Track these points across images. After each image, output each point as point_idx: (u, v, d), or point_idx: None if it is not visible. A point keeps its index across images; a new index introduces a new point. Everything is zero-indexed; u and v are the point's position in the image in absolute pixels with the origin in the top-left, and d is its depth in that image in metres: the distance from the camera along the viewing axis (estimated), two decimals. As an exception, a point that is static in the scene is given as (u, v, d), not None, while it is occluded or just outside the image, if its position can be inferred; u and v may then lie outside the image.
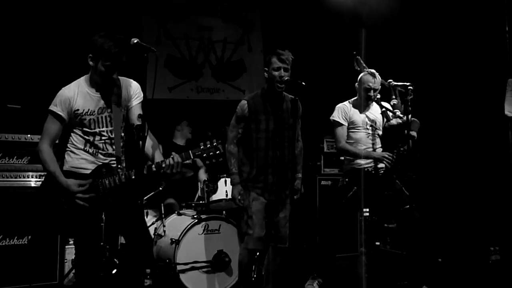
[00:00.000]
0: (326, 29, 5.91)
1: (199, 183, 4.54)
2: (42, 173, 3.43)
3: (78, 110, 2.72)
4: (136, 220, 2.84)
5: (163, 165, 2.66)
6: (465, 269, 4.68)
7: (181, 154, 2.69)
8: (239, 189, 3.37)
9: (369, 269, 4.75)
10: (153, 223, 4.38)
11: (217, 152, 2.70)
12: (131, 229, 2.84)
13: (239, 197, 3.35)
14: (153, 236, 4.22)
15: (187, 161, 2.76)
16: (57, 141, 2.78)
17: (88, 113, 2.74)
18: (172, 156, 2.68)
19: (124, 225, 2.89)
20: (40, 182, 3.00)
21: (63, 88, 2.77)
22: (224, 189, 4.16)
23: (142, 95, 2.89)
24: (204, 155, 2.69)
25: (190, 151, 2.71)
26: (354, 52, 3.93)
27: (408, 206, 3.61)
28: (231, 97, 5.51)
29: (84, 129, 2.75)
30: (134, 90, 2.88)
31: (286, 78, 3.24)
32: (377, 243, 5.44)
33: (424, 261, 3.90)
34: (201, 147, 2.71)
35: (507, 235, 4.68)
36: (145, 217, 4.40)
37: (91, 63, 2.69)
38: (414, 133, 3.67)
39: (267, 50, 5.98)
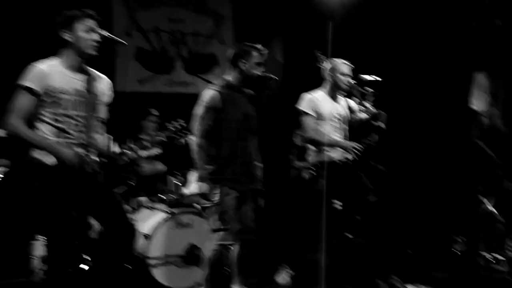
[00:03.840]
0: (296, 22, 5.94)
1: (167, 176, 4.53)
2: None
3: (54, 87, 2.57)
4: (115, 207, 2.81)
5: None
6: (431, 259, 4.82)
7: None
8: (209, 184, 3.34)
9: (338, 260, 4.83)
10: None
11: (183, 131, 2.78)
12: (111, 217, 2.77)
13: (210, 193, 3.33)
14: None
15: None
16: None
17: (63, 92, 2.61)
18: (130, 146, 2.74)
19: (102, 215, 2.80)
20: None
21: (34, 63, 2.61)
22: (193, 182, 4.15)
23: (112, 95, 2.87)
24: (172, 135, 2.75)
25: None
26: (317, 50, 3.95)
27: (372, 198, 3.69)
28: (202, 89, 5.48)
29: (58, 110, 2.60)
30: (107, 87, 2.85)
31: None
32: (346, 234, 5.53)
33: (391, 252, 3.98)
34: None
35: (471, 225, 4.81)
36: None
37: (68, 36, 2.62)
38: (382, 124, 3.71)
39: (240, 43, 5.97)
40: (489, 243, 4.71)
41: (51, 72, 2.60)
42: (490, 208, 4.16)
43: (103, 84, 2.84)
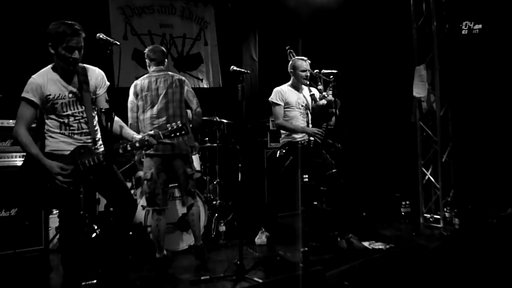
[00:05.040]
0: (272, 24, 5.95)
1: None
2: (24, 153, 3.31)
3: (49, 95, 2.57)
4: (120, 187, 2.78)
5: (146, 142, 2.65)
6: (383, 220, 4.92)
7: (153, 135, 2.68)
8: None
9: (307, 224, 4.91)
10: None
11: (182, 132, 2.70)
12: (117, 195, 2.76)
13: None
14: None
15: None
16: (33, 125, 2.67)
17: (60, 97, 2.59)
18: (146, 137, 2.66)
19: (110, 194, 2.79)
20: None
21: (32, 76, 2.59)
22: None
23: (107, 83, 2.77)
24: (172, 134, 2.69)
25: (159, 132, 2.69)
26: (288, 47, 3.97)
27: (333, 171, 3.74)
28: (191, 84, 5.48)
29: (57, 113, 2.60)
30: (100, 79, 2.74)
31: None
32: (315, 203, 5.62)
33: (350, 215, 4.03)
34: (169, 128, 2.70)
35: (414, 192, 4.93)
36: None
37: (52, 51, 2.52)
38: (336, 111, 3.75)
39: (220, 44, 5.95)
40: (428, 206, 4.85)
41: (46, 82, 2.57)
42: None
43: (96, 77, 2.73)
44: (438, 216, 4.67)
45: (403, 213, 4.85)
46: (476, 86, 4.70)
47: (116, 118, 2.73)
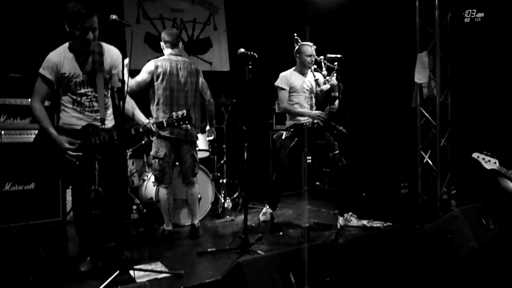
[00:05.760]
0: (278, 11, 5.88)
1: None
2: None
3: (65, 73, 2.58)
4: (116, 169, 2.78)
5: (146, 127, 2.64)
6: (382, 200, 4.96)
7: (157, 123, 2.66)
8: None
9: (309, 202, 4.97)
10: (137, 171, 4.40)
11: (186, 122, 2.65)
12: (110, 177, 2.78)
13: None
14: (139, 180, 4.25)
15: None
16: (48, 103, 2.69)
17: (75, 76, 2.60)
18: (151, 123, 2.66)
19: (104, 175, 2.83)
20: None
21: (50, 53, 2.60)
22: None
23: (122, 64, 2.68)
24: (175, 123, 2.65)
25: (163, 120, 2.67)
26: (295, 34, 3.94)
27: (336, 152, 3.75)
28: (200, 67, 5.43)
29: (72, 90, 2.63)
30: (116, 59, 2.73)
31: None
32: (317, 183, 5.66)
33: (350, 195, 4.05)
34: (173, 116, 2.66)
35: (412, 175, 4.94)
36: (132, 165, 4.41)
37: (68, 30, 2.50)
38: (337, 94, 3.74)
39: (229, 29, 5.91)
40: (425, 188, 4.86)
41: (62, 60, 2.58)
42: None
43: (112, 56, 2.70)
44: (435, 198, 4.68)
45: (401, 194, 4.88)
46: (476, 74, 4.65)
47: (128, 99, 2.74)
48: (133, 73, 3.66)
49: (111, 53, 2.72)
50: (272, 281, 2.24)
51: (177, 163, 3.59)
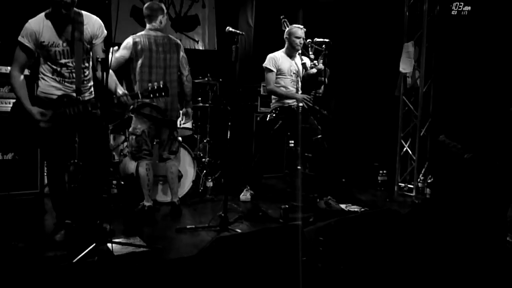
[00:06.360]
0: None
1: None
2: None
3: (44, 42, 2.53)
4: (97, 141, 2.75)
5: (119, 100, 2.62)
6: (360, 185, 5.05)
7: (130, 94, 2.67)
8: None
9: (290, 186, 5.02)
10: (118, 145, 4.35)
11: (162, 93, 2.65)
12: (91, 150, 2.76)
13: None
14: (120, 156, 4.21)
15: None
16: (28, 72, 2.64)
17: (54, 45, 2.55)
18: (125, 95, 2.65)
19: (85, 147, 2.81)
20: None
21: (29, 21, 2.54)
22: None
23: (105, 32, 2.71)
24: (151, 95, 2.64)
25: (138, 92, 2.67)
26: (282, 16, 3.92)
27: (319, 136, 3.79)
28: (186, 45, 5.38)
29: (52, 60, 2.58)
30: (97, 28, 2.68)
31: None
32: (298, 167, 5.70)
33: (330, 180, 4.12)
34: (149, 88, 2.65)
35: (392, 162, 5.03)
36: (112, 140, 4.36)
37: None
38: (325, 80, 3.76)
39: (218, 7, 5.82)
40: (403, 176, 4.97)
41: (41, 28, 2.52)
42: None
43: (93, 25, 2.66)
44: (412, 186, 4.80)
45: (379, 181, 4.98)
46: (459, 66, 4.72)
47: (111, 73, 2.69)
48: (118, 47, 3.58)
49: (92, 22, 2.66)
50: (249, 259, 2.28)
51: (157, 141, 3.58)
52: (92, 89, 2.80)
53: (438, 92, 4.91)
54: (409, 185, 4.88)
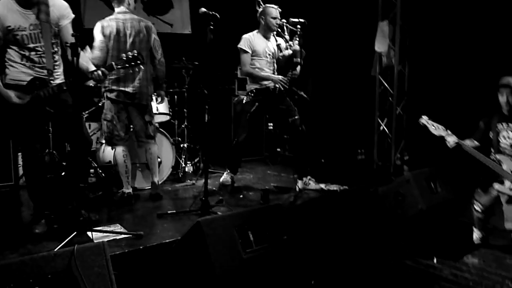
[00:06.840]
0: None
1: None
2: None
3: (9, 26, 2.45)
4: (76, 125, 2.72)
5: (93, 75, 2.59)
6: (339, 165, 5.13)
7: (105, 67, 2.66)
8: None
9: (270, 168, 5.05)
10: (94, 133, 4.27)
11: (137, 62, 2.66)
12: (72, 134, 2.73)
13: None
14: (96, 144, 4.14)
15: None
16: None
17: (20, 29, 2.47)
18: (100, 69, 2.62)
19: (66, 131, 2.76)
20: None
21: None
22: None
23: (72, 14, 2.65)
24: (127, 64, 2.65)
25: (113, 63, 2.65)
26: None
27: (296, 117, 3.80)
28: (160, 29, 5.23)
29: (19, 44, 2.50)
30: (64, 10, 2.62)
31: None
32: (278, 150, 5.75)
33: (309, 160, 4.15)
34: (123, 58, 2.65)
35: (369, 141, 5.13)
36: (89, 128, 4.28)
37: None
38: (300, 60, 3.75)
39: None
40: (381, 154, 5.08)
41: (6, 13, 2.44)
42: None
43: (60, 7, 2.61)
44: (389, 164, 4.91)
45: (358, 159, 5.06)
46: (434, 45, 4.80)
47: (82, 54, 2.62)
48: (88, 32, 3.48)
49: (58, 3, 2.61)
50: (231, 239, 2.30)
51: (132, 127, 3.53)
52: (62, 74, 2.73)
53: (414, 71, 4.98)
54: (386, 163, 4.99)
